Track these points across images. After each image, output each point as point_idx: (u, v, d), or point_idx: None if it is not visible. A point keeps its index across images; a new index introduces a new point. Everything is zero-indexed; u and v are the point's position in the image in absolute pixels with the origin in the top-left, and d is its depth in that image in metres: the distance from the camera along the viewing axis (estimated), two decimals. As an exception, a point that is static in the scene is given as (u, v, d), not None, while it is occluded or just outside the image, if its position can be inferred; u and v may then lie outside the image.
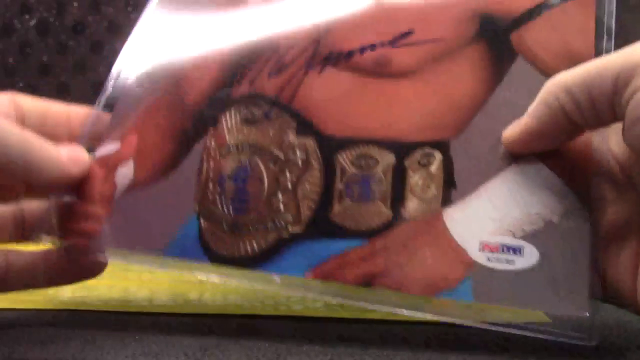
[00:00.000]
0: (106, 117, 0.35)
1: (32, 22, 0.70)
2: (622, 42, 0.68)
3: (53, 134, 0.32)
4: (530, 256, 0.28)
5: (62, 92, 0.70)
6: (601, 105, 0.25)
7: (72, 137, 0.34)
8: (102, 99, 0.37)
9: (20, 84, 0.71)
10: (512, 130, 0.29)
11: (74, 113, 0.35)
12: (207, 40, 0.38)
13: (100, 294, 0.38)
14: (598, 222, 0.28)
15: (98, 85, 0.68)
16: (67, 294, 0.39)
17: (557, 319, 0.27)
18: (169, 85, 0.37)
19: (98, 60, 0.70)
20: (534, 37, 0.32)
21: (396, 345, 0.28)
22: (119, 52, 0.70)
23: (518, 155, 0.29)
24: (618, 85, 0.24)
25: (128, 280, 0.42)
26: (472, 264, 0.28)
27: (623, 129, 0.25)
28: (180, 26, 0.39)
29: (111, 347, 0.27)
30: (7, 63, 0.70)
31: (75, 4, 0.70)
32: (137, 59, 0.38)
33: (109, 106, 0.37)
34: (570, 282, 0.27)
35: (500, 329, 0.27)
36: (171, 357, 0.26)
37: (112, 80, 0.37)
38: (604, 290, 0.27)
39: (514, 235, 0.28)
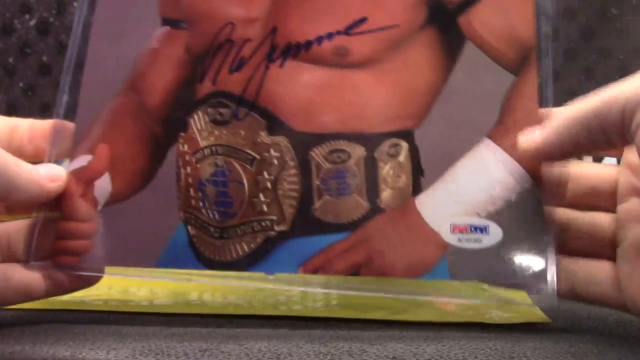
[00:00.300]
0: (70, 126, 0.35)
1: (32, 22, 0.70)
2: (624, 42, 0.68)
3: (19, 152, 0.32)
4: (495, 234, 0.31)
5: (62, 92, 0.70)
6: (612, 135, 0.27)
7: (37, 153, 0.33)
8: (60, 108, 0.35)
9: (20, 84, 0.70)
10: (527, 144, 0.31)
11: (36, 128, 0.34)
12: (158, 35, 0.37)
13: (100, 293, 0.38)
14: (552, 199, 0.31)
15: (98, 85, 0.68)
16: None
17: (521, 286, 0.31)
18: (128, 88, 0.36)
19: (98, 60, 0.70)
20: (480, 20, 0.34)
21: (396, 345, 0.28)
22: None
23: None
24: (625, 117, 0.26)
25: (128, 280, 0.42)
26: (445, 246, 0.31)
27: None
28: (127, 23, 0.37)
29: (111, 347, 0.27)
30: (7, 63, 0.70)
31: (75, 4, 0.70)
32: (87, 61, 0.36)
33: (69, 114, 0.35)
34: (531, 255, 0.30)
35: (462, 300, 0.32)
36: (171, 357, 0.26)
37: (66, 86, 0.35)
38: (620, 301, 0.29)
39: (479, 216, 0.31)
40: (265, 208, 0.33)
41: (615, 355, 0.26)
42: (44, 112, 0.68)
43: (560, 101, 0.72)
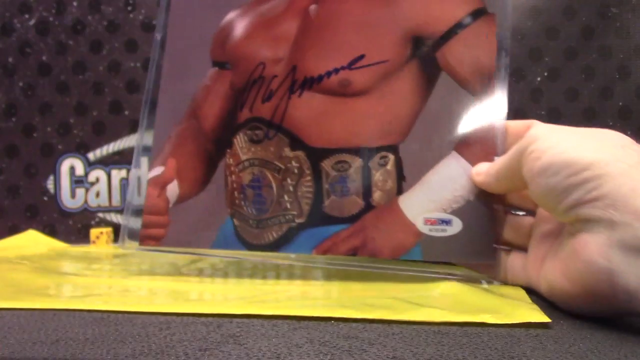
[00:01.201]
0: None
1: (32, 22, 0.70)
2: (624, 41, 0.68)
3: None
4: (456, 225, 0.39)
5: (61, 92, 0.70)
6: (522, 177, 0.35)
7: None
8: (141, 135, 0.46)
9: (20, 84, 0.71)
10: (477, 178, 0.39)
11: None
12: (210, 75, 0.47)
13: (101, 293, 0.38)
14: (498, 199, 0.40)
15: (97, 85, 0.68)
16: (67, 294, 0.39)
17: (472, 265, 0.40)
18: (189, 115, 0.47)
19: (97, 59, 0.70)
20: (453, 54, 0.41)
21: (396, 345, 0.28)
22: (118, 51, 0.70)
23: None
24: (520, 164, 0.34)
25: (128, 280, 0.42)
26: (420, 235, 0.40)
27: None
28: (187, 65, 0.48)
29: (111, 347, 0.27)
30: (6, 63, 0.70)
31: (75, 4, 0.70)
32: (160, 96, 0.47)
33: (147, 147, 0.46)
34: (482, 241, 0.39)
35: (439, 275, 0.39)
36: (171, 357, 0.26)
37: (144, 119, 0.47)
38: (527, 282, 0.38)
39: (445, 212, 0.40)
40: (288, 205, 0.43)
41: (615, 355, 0.26)
42: (43, 112, 0.68)
43: (561, 100, 0.72)
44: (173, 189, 0.46)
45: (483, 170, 0.39)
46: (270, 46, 0.45)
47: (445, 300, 0.35)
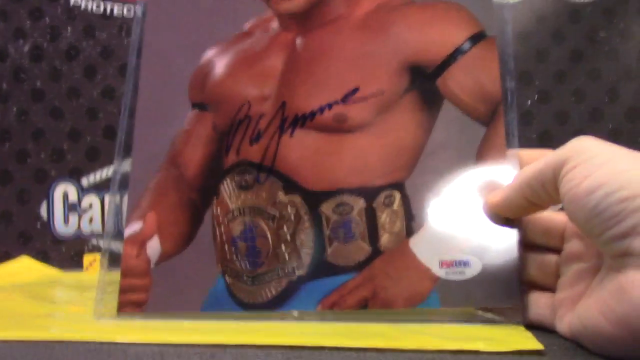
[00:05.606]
0: None
1: (26, 48, 0.70)
2: (613, 64, 0.69)
3: None
4: (475, 266, 0.36)
5: (55, 118, 0.70)
6: (550, 190, 0.32)
7: None
8: (116, 185, 0.42)
9: (14, 109, 0.71)
10: (493, 199, 0.36)
11: None
12: (189, 118, 0.43)
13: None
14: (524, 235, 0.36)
15: (91, 110, 0.69)
16: (59, 324, 0.38)
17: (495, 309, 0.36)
18: (168, 163, 0.43)
19: (92, 85, 0.70)
20: (454, 81, 0.39)
21: (395, 350, 0.28)
22: (112, 77, 0.70)
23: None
24: (555, 174, 0.31)
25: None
26: (436, 279, 0.36)
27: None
28: (164, 109, 0.44)
29: (112, 348, 0.27)
30: (0, 88, 0.70)
31: (69, 29, 0.70)
32: (134, 142, 0.43)
33: (123, 188, 0.42)
34: (505, 283, 0.35)
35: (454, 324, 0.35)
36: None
37: (118, 167, 0.42)
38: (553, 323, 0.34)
39: (462, 252, 0.36)
40: (287, 257, 0.39)
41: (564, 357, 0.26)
42: (37, 137, 0.68)
43: (552, 123, 0.73)
44: (154, 247, 0.41)
45: (497, 193, 0.35)
46: (255, 83, 0.42)
47: (439, 328, 0.35)
